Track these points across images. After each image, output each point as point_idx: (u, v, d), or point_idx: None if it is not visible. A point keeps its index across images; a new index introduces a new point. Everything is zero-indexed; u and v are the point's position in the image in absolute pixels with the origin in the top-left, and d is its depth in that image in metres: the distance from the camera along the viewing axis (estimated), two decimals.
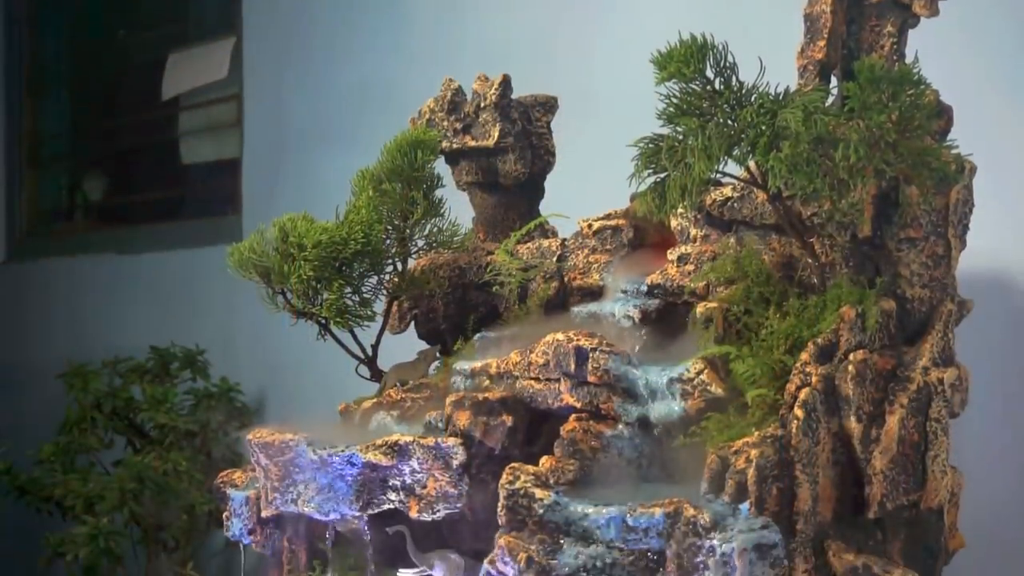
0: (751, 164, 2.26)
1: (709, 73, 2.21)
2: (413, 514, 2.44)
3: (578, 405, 2.40)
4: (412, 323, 3.08)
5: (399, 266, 2.94)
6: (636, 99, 2.45)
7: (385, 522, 2.54)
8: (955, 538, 2.41)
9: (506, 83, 3.07)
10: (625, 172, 2.30)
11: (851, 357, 2.22)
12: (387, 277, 2.93)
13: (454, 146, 3.11)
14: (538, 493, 2.19)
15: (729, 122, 2.19)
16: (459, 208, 3.04)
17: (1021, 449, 3.13)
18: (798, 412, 2.13)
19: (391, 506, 2.48)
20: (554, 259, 2.86)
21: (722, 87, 2.21)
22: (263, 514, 2.66)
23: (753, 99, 2.20)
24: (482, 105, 3.08)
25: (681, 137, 2.23)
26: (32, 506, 4.98)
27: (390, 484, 2.48)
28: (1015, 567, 3.07)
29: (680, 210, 2.58)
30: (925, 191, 2.30)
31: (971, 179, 2.40)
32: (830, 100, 2.36)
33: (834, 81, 2.47)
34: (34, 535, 4.83)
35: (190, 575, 4.57)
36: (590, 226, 2.83)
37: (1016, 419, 3.12)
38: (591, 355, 2.36)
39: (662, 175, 2.27)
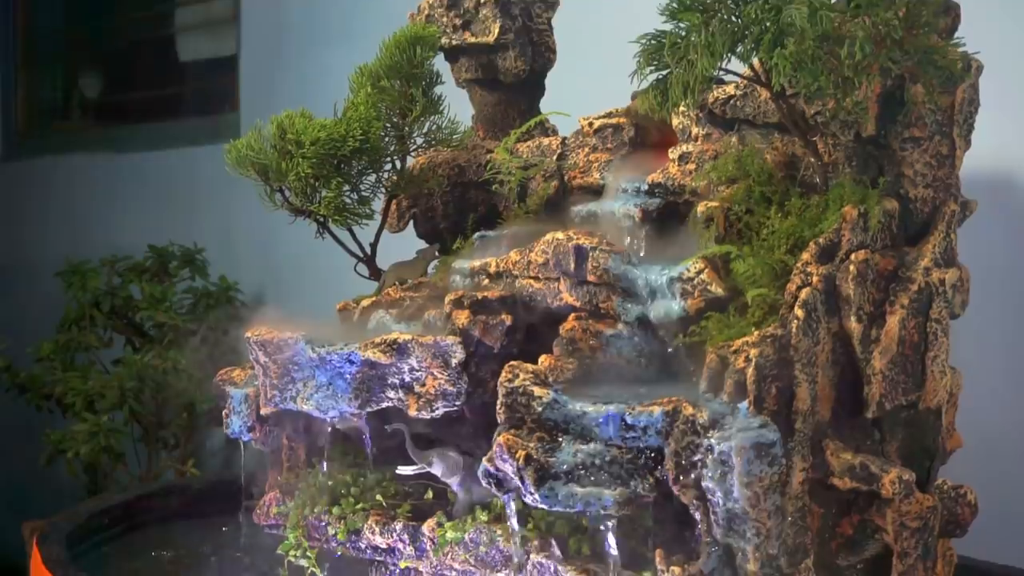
0: (755, 61, 2.22)
1: None
2: (412, 412, 2.44)
3: (577, 304, 2.39)
4: (411, 222, 3.07)
5: (398, 164, 2.92)
6: None
7: (384, 420, 2.55)
8: (952, 438, 2.41)
9: None
10: (627, 69, 2.27)
11: (852, 257, 2.21)
12: (386, 175, 2.92)
13: (453, 42, 3.07)
14: (537, 391, 2.19)
15: (733, 18, 2.16)
16: (458, 106, 3.01)
17: (1020, 350, 3.13)
18: (798, 312, 2.13)
19: (390, 404, 2.49)
20: (554, 158, 2.84)
21: None
22: (262, 412, 2.67)
23: None
24: (482, 1, 3.04)
25: (684, 33, 2.20)
26: (32, 404, 5.01)
27: (389, 382, 2.48)
28: (1011, 465, 3.09)
29: (682, 108, 2.56)
30: (931, 90, 2.26)
31: (977, 78, 2.36)
32: None
33: None
34: (34, 433, 4.86)
35: (191, 472, 4.60)
36: (591, 124, 2.80)
37: (1017, 320, 3.12)
38: (591, 254, 2.35)
39: (664, 72, 2.23)
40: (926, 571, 2.23)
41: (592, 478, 2.11)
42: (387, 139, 2.88)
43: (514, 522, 2.29)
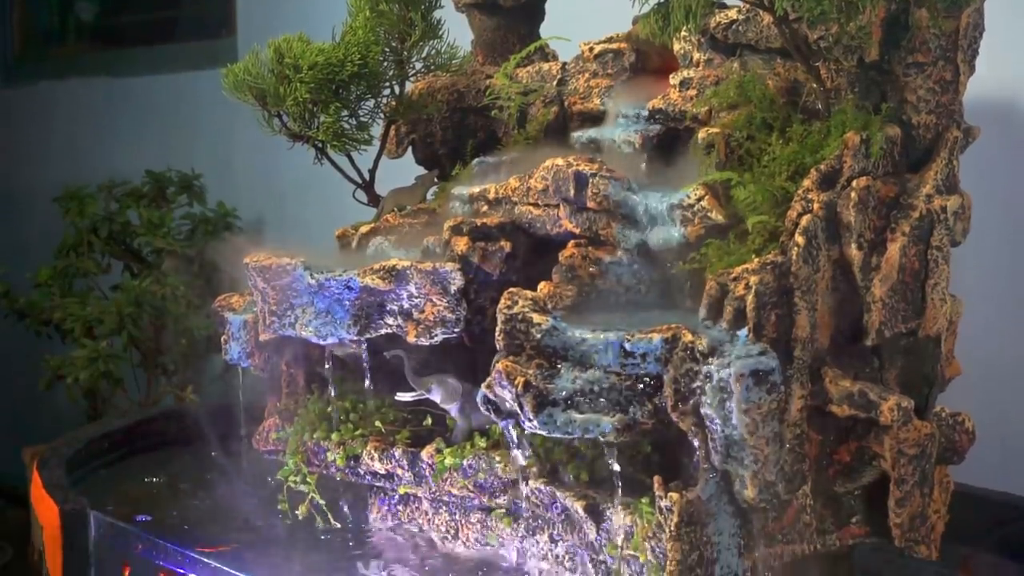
0: None
1: None
2: (411, 339, 2.44)
3: (577, 231, 2.38)
4: (410, 147, 3.05)
5: (396, 89, 2.90)
6: None
7: (383, 347, 2.55)
8: (951, 365, 2.42)
9: None
10: None
11: (854, 184, 2.19)
12: (384, 100, 2.90)
13: None
14: (536, 318, 2.18)
15: None
16: (458, 30, 2.98)
17: (1021, 278, 3.13)
18: (799, 239, 2.12)
19: (389, 331, 2.48)
20: (554, 83, 2.82)
21: None
22: (261, 338, 2.66)
23: None
24: None
25: None
26: (31, 329, 5.01)
27: (388, 309, 2.47)
28: (1009, 393, 3.10)
29: (683, 33, 2.53)
30: (935, 14, 2.24)
31: (982, 2, 2.34)
32: None
33: None
34: (34, 358, 4.87)
35: (190, 398, 4.61)
36: (591, 49, 2.78)
37: (1017, 248, 3.11)
38: (591, 180, 2.34)
39: None
40: (923, 498, 2.25)
41: (591, 405, 2.11)
42: (386, 64, 2.85)
43: (515, 447, 2.29)
